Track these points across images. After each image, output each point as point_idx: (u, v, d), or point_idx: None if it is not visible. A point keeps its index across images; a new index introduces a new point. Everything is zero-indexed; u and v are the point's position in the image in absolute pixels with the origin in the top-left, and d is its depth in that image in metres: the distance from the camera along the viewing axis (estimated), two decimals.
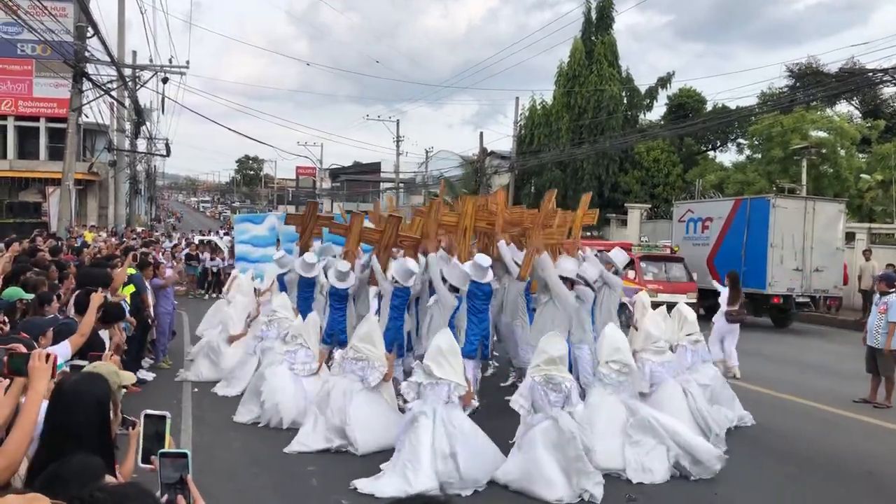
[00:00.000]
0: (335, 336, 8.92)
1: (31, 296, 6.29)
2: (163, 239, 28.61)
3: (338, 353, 8.24)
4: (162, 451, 2.56)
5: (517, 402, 6.63)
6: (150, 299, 10.74)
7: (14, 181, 35.08)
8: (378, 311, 9.00)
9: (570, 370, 7.26)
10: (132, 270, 10.07)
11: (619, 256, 9.33)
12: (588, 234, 25.23)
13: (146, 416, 2.79)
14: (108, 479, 2.72)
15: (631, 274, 16.72)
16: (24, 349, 3.41)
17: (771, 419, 8.89)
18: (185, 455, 2.55)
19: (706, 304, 16.02)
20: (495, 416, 8.18)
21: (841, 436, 8.62)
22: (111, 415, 3.23)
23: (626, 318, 10.16)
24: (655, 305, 9.38)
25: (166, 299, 11.73)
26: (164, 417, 2.79)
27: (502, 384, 10.05)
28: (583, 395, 7.15)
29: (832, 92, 27.77)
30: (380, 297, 9.27)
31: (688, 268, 18.57)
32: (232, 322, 11.26)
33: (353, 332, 8.23)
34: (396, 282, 8.49)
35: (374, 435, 7.17)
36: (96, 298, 5.79)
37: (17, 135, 36.06)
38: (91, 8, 19.73)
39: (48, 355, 2.77)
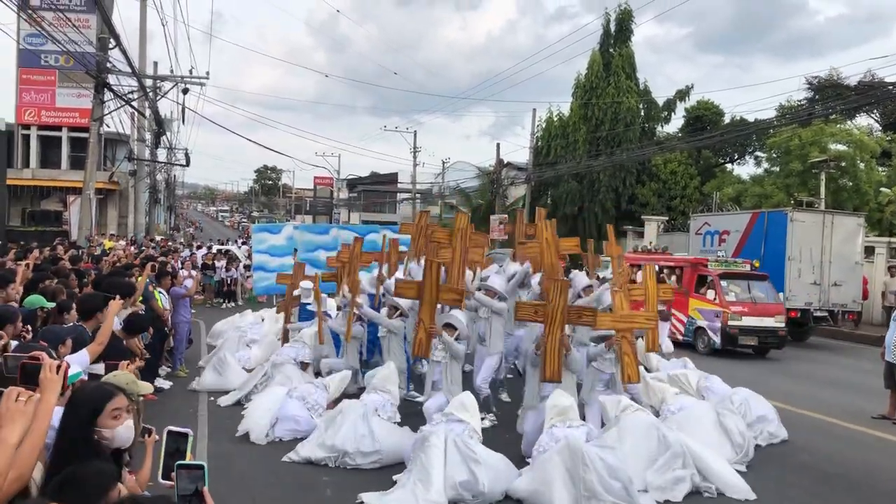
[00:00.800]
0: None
1: (51, 304, 6.38)
2: (182, 248, 28.85)
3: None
4: (179, 462, 2.60)
5: (539, 448, 6.63)
6: (168, 308, 10.85)
7: (36, 190, 35.50)
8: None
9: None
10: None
11: (580, 279, 9.72)
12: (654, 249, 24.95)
13: (169, 432, 2.83)
14: (119, 486, 2.77)
15: (710, 294, 15.93)
16: (46, 357, 3.47)
17: (790, 435, 8.81)
18: (201, 467, 2.58)
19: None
20: (509, 428, 8.20)
21: (861, 453, 8.53)
22: (110, 431, 3.28)
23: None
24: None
25: (184, 308, 11.82)
26: (186, 435, 2.83)
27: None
28: None
29: (851, 105, 27.59)
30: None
31: (773, 286, 16.82)
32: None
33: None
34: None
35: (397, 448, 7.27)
36: (114, 306, 5.86)
37: (40, 144, 36.54)
38: (113, 19, 20.00)
39: (59, 366, 2.82)
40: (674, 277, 16.87)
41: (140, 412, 3.58)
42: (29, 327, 5.51)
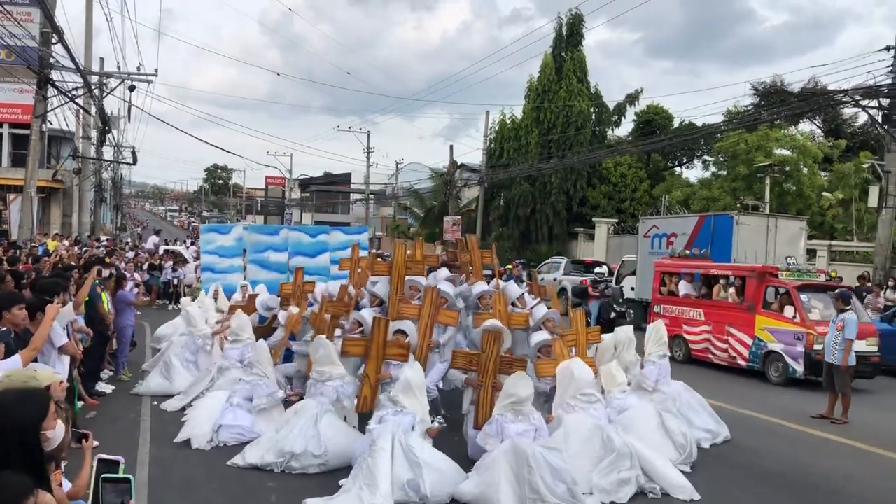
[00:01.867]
0: None
1: None
2: (126, 250, 28.20)
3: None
4: (104, 475, 2.52)
5: (484, 440, 6.64)
6: (112, 311, 10.59)
7: None
8: None
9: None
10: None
11: (513, 290, 10.03)
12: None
13: (99, 460, 2.74)
14: (42, 496, 2.66)
15: (789, 311, 13.16)
16: None
17: (734, 435, 8.97)
18: (128, 480, 2.51)
19: None
20: (456, 429, 8.19)
21: (803, 452, 8.72)
22: (61, 429, 3.17)
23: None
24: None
25: (129, 312, 11.55)
26: (117, 462, 2.74)
27: None
28: None
29: (795, 111, 28.30)
30: None
31: (859, 300, 14.46)
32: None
33: None
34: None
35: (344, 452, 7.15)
36: (52, 310, 5.68)
37: None
38: (59, 14, 19.51)
39: None
40: (732, 290, 14.56)
41: (68, 414, 3.46)
42: None
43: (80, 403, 8.56)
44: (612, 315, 17.55)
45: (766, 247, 18.50)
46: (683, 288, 15.65)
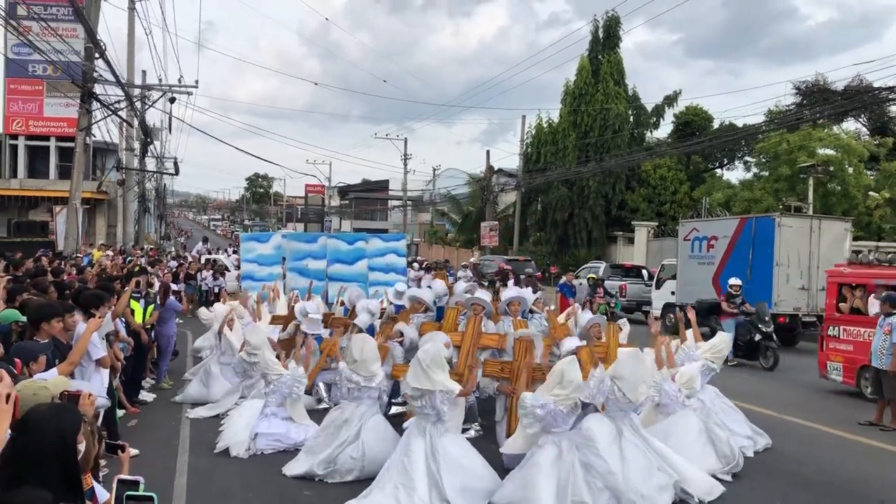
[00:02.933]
0: None
1: (25, 318, 6.28)
2: (168, 259, 28.59)
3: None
4: (128, 493, 2.54)
5: (533, 412, 6.34)
6: (153, 320, 10.76)
7: (24, 200, 35.35)
8: None
9: None
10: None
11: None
12: None
13: (119, 481, 2.77)
14: None
15: None
16: (7, 377, 3.39)
17: (777, 442, 8.77)
18: (151, 499, 2.53)
19: None
20: (493, 437, 8.14)
21: (849, 460, 8.48)
22: (84, 444, 3.19)
23: None
24: None
25: (171, 321, 11.73)
26: (137, 483, 2.77)
27: None
28: None
29: (839, 110, 27.69)
30: None
31: None
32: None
33: None
34: None
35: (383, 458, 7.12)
36: (92, 324, 5.80)
37: (28, 154, 36.40)
38: (102, 28, 19.95)
39: (9, 395, 2.75)
40: None
41: (92, 427, 3.50)
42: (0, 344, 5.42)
43: (121, 412, 8.69)
44: (757, 337, 14.75)
45: (809, 249, 18.14)
46: (875, 306, 11.39)
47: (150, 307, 10.77)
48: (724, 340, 8.70)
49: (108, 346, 7.35)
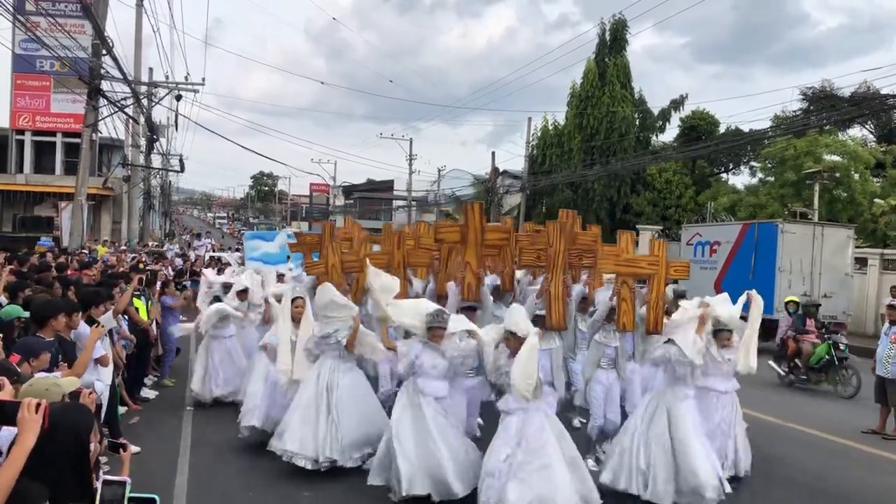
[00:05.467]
0: None
1: (27, 314, 6.28)
2: (174, 257, 28.56)
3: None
4: (131, 496, 2.56)
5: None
6: (154, 317, 10.77)
7: (29, 195, 35.43)
8: None
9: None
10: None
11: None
12: None
13: (104, 482, 2.77)
14: None
15: None
16: (8, 385, 3.39)
17: (776, 448, 8.75)
18: (153, 500, 2.56)
19: None
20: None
21: (850, 468, 8.47)
22: (94, 443, 3.21)
23: None
24: None
25: (173, 318, 11.74)
26: (123, 483, 2.77)
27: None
28: None
29: (845, 116, 27.64)
30: None
31: None
32: None
33: None
34: None
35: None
36: (95, 333, 5.80)
37: (34, 149, 36.47)
38: (110, 25, 19.99)
39: (38, 404, 2.75)
40: None
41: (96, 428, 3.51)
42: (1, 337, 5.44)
43: (122, 409, 8.70)
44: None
45: (812, 255, 18.11)
46: None
47: (149, 303, 10.77)
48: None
49: (111, 343, 7.37)
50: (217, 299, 10.53)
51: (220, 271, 23.40)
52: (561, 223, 7.22)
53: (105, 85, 22.22)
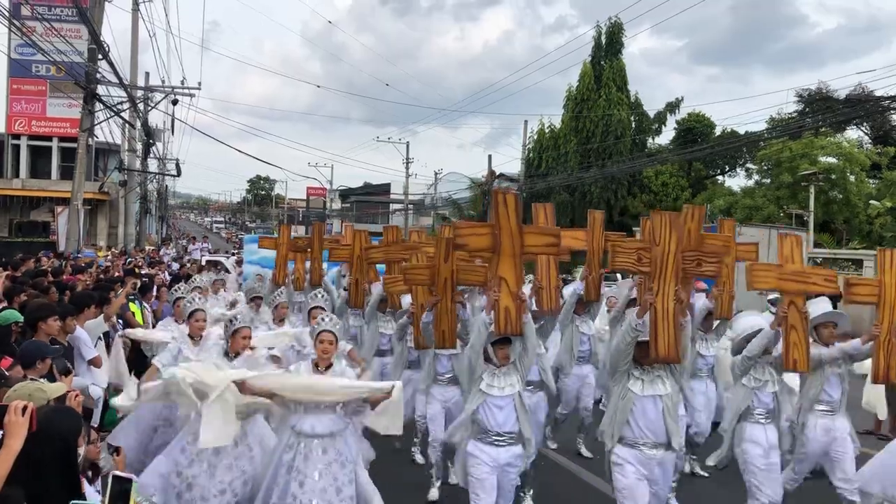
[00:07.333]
0: None
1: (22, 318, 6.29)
2: (170, 262, 28.55)
3: None
4: (114, 473, 2.61)
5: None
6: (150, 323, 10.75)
7: (26, 200, 35.36)
8: None
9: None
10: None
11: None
12: None
13: (114, 476, 2.80)
14: None
15: None
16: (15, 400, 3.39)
17: None
18: (129, 480, 2.60)
19: None
20: None
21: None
22: (82, 447, 3.20)
23: None
24: None
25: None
26: (130, 480, 2.80)
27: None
28: None
29: (841, 118, 27.74)
30: None
31: None
32: None
33: None
34: None
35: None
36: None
37: (30, 154, 36.42)
38: (105, 29, 20.01)
39: (25, 407, 2.75)
40: None
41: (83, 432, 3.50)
42: None
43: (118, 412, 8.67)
44: None
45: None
46: None
47: (135, 309, 10.73)
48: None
49: (111, 345, 7.38)
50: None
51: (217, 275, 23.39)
52: (670, 215, 4.85)
53: (101, 89, 22.25)
